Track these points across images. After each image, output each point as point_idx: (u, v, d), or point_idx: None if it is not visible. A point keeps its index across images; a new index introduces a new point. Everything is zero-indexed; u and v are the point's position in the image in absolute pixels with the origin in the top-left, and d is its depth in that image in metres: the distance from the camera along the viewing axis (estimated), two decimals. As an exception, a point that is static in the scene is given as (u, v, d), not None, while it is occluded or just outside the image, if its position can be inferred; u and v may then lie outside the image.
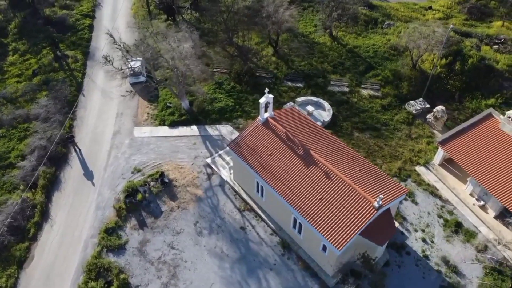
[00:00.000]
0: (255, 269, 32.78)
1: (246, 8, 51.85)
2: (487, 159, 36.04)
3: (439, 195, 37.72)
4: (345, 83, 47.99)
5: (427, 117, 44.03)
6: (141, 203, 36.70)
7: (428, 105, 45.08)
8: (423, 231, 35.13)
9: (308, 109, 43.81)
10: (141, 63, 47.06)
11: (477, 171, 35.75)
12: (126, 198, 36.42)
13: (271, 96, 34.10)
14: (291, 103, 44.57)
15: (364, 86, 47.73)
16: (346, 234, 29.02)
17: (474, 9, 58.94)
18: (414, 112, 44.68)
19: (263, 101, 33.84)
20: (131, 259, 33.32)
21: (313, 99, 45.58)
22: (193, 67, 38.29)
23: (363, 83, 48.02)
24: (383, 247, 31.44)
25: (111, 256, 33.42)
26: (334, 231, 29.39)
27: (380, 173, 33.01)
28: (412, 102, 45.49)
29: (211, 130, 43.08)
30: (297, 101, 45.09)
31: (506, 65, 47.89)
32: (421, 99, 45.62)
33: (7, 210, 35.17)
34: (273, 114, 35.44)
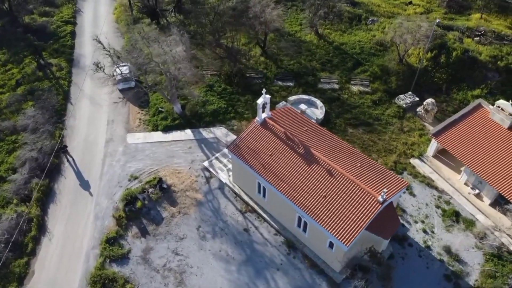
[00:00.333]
0: (262, 270, 32.77)
1: (231, 9, 51.73)
2: (480, 148, 37.00)
3: (435, 186, 38.54)
4: (334, 80, 48.45)
5: (417, 110, 44.90)
6: (141, 211, 36.17)
7: (417, 98, 45.98)
8: (423, 222, 35.83)
9: (301, 107, 43.99)
10: (129, 68, 46.41)
11: (471, 161, 36.67)
12: (125, 206, 35.83)
13: (268, 96, 34.14)
14: (284, 103, 44.69)
15: (353, 82, 48.30)
16: (353, 229, 29.32)
17: (453, 3, 60.38)
18: (404, 106, 45.50)
19: (260, 101, 33.83)
20: (135, 268, 32.80)
21: (305, 97, 45.85)
22: (186, 71, 37.90)
23: (352, 79, 48.59)
24: (387, 241, 31.88)
25: (115, 266, 32.81)
26: (340, 227, 29.65)
27: (379, 167, 33.46)
28: (401, 96, 46.31)
29: (206, 133, 42.81)
30: (289, 100, 45.26)
31: (488, 56, 49.27)
32: (410, 93, 46.49)
33: (3, 225, 34.11)
34: (270, 114, 35.51)
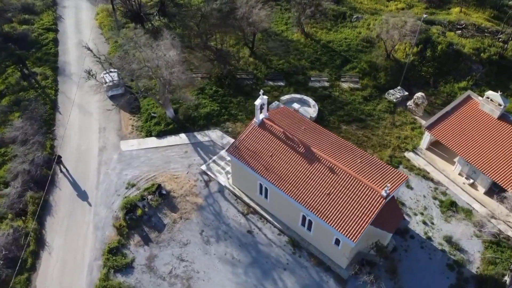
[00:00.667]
0: (269, 270, 32.79)
1: (217, 11, 51.50)
2: (472, 139, 37.96)
3: (431, 178, 39.34)
4: (325, 78, 48.85)
5: (408, 104, 45.73)
6: (142, 218, 35.67)
7: (406, 93, 46.82)
8: (422, 214, 36.52)
9: (294, 106, 44.15)
10: (117, 74, 45.69)
11: (465, 151, 37.60)
12: (126, 215, 35.27)
13: (266, 97, 34.10)
14: (277, 103, 44.79)
15: (343, 79, 48.80)
16: (358, 225, 29.64)
17: (432, -3, 61.77)
18: (394, 100, 46.26)
19: (258, 102, 33.79)
20: (141, 277, 32.32)
21: (297, 96, 46.06)
22: (180, 74, 37.55)
23: (342, 76, 49.08)
24: (391, 234, 32.36)
25: (120, 276, 32.27)
26: (346, 224, 29.94)
27: (378, 162, 33.90)
28: (391, 91, 47.07)
29: (201, 136, 42.51)
30: (281, 99, 45.39)
31: (472, 48, 50.56)
32: (399, 88, 47.29)
33: (-1, 241, 33.09)
34: (267, 115, 35.55)
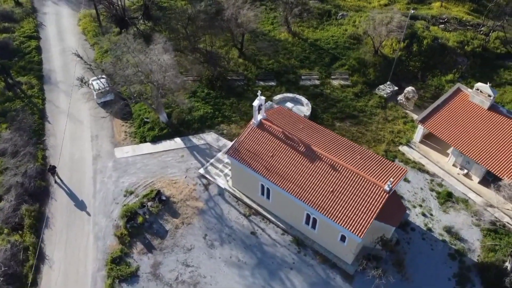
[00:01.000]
0: (275, 271, 32.79)
1: (203, 13, 51.21)
2: (465, 130, 38.84)
3: (426, 170, 40.07)
4: (315, 76, 49.15)
5: (398, 98, 46.46)
6: (143, 226, 35.17)
7: (396, 88, 47.56)
8: (420, 206, 37.16)
9: (287, 106, 44.34)
10: (107, 81, 44.86)
11: (458, 142, 38.43)
12: (126, 223, 34.70)
13: (264, 98, 34.17)
14: (270, 103, 44.83)
15: (333, 77, 49.22)
16: (364, 221, 29.95)
17: (413, -7, 62.80)
18: (385, 95, 46.93)
19: (256, 103, 33.79)
20: (147, 285, 31.85)
21: (290, 95, 46.23)
22: (174, 78, 37.17)
23: (332, 74, 49.48)
24: (394, 228, 32.81)
25: (125, 286, 31.74)
26: (352, 220, 30.20)
27: (377, 157, 34.23)
28: (381, 86, 47.74)
29: (196, 140, 42.18)
30: (274, 99, 45.46)
31: (456, 42, 51.77)
32: (388, 83, 48.00)
33: (-3, 258, 32.06)
34: (265, 115, 35.56)
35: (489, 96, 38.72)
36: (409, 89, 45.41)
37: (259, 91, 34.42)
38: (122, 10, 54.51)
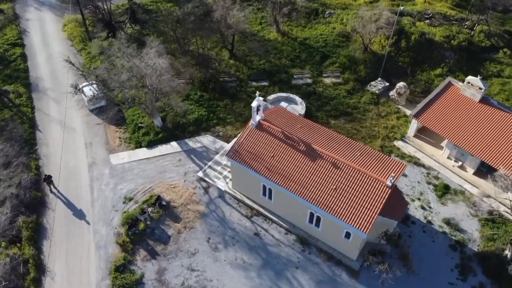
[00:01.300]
0: (281, 271, 32.83)
1: (192, 15, 50.80)
2: (458, 123, 39.56)
3: (422, 164, 40.70)
4: (307, 75, 49.36)
5: (390, 94, 47.05)
6: (145, 232, 34.76)
7: (387, 84, 48.17)
8: (419, 199, 37.72)
9: (281, 105, 44.38)
10: (97, 87, 44.13)
11: (452, 135, 39.14)
12: (128, 230, 34.23)
13: (262, 98, 34.19)
14: (264, 102, 44.60)
15: (325, 75, 49.51)
16: (368, 216, 30.24)
17: (397, -10, 63.66)
18: (377, 92, 47.48)
19: (255, 104, 33.80)
20: (153, 292, 31.56)
21: (283, 95, 46.34)
22: (170, 82, 36.82)
23: (323, 72, 49.78)
24: (396, 222, 33.24)
25: (131, 294, 31.36)
26: (356, 216, 30.47)
27: (376, 153, 34.56)
28: (373, 83, 48.28)
29: (192, 143, 41.89)
30: (268, 99, 45.48)
31: (442, 36, 52.71)
32: (379, 79, 48.57)
33: (-4, 272, 31.23)
34: (263, 116, 35.56)
35: (480, 89, 39.53)
36: (401, 84, 46.04)
37: (257, 92, 34.41)
38: (108, 14, 53.80)
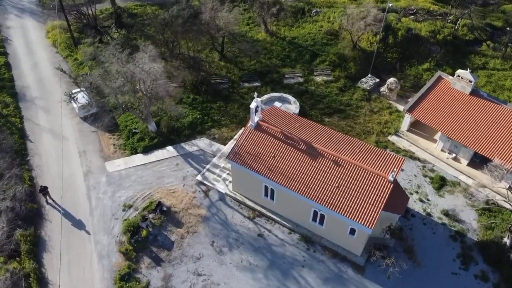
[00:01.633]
0: (288, 270, 32.89)
1: (180, 17, 50.41)
2: (450, 115, 40.34)
3: (417, 157, 41.38)
4: (298, 74, 49.58)
5: (381, 90, 47.67)
6: (148, 239, 34.32)
7: (377, 80, 48.79)
8: (417, 192, 38.34)
9: (275, 105, 44.43)
10: (87, 94, 43.31)
11: (446, 128, 39.90)
12: (131, 238, 33.74)
13: (259, 99, 34.20)
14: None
15: (316, 73, 49.81)
16: (373, 212, 30.58)
17: (380, -13, 64.51)
18: (368, 88, 48.03)
19: (253, 105, 33.74)
20: (160, 299, 31.20)
21: (276, 94, 46.46)
22: (166, 86, 36.45)
23: (314, 70, 50.08)
24: (399, 216, 33.69)
25: (138, 302, 30.94)
26: (361, 212, 30.77)
27: (375, 148, 34.96)
28: (363, 79, 48.83)
29: (189, 146, 41.58)
30: (262, 100, 45.46)
31: (428, 31, 53.70)
32: (369, 75, 49.16)
33: (-3, 289, 30.39)
34: (261, 117, 35.56)
35: (470, 81, 40.43)
36: (392, 80, 46.70)
37: (255, 93, 34.39)
38: (93, 19, 52.95)
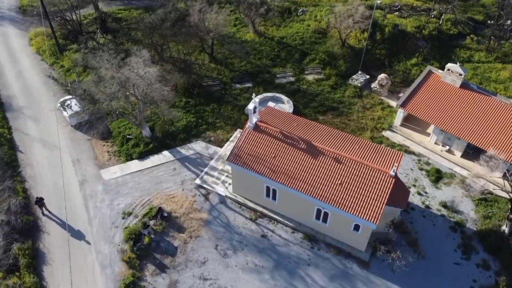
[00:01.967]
0: (294, 269, 32.89)
1: (168, 20, 49.91)
2: (442, 109, 41.06)
3: (412, 151, 41.97)
4: (289, 74, 49.68)
5: (372, 86, 48.18)
6: (150, 246, 33.81)
7: (368, 76, 49.31)
8: (414, 186, 38.86)
9: (269, 105, 44.39)
10: (77, 101, 42.46)
11: (439, 121, 40.58)
12: (133, 245, 33.17)
13: (258, 100, 34.13)
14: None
15: (307, 72, 50.01)
16: (376, 207, 30.84)
17: (363, -16, 65.19)
18: (359, 85, 48.47)
19: (251, 106, 33.69)
20: (168, 306, 30.77)
21: (269, 95, 46.44)
22: (162, 91, 36.01)
23: (305, 69, 50.26)
24: (400, 210, 34.06)
25: (145, 311, 30.44)
26: (365, 208, 30.99)
27: (373, 144, 35.29)
28: (354, 76, 49.26)
29: (185, 150, 41.17)
30: (255, 101, 45.31)
31: (414, 27, 54.54)
32: (360, 72, 49.64)
33: (-2, 306, 29.45)
34: (260, 117, 35.49)
35: (460, 74, 41.25)
36: (382, 76, 47.24)
37: (253, 93, 34.30)
38: (78, 25, 51.96)
